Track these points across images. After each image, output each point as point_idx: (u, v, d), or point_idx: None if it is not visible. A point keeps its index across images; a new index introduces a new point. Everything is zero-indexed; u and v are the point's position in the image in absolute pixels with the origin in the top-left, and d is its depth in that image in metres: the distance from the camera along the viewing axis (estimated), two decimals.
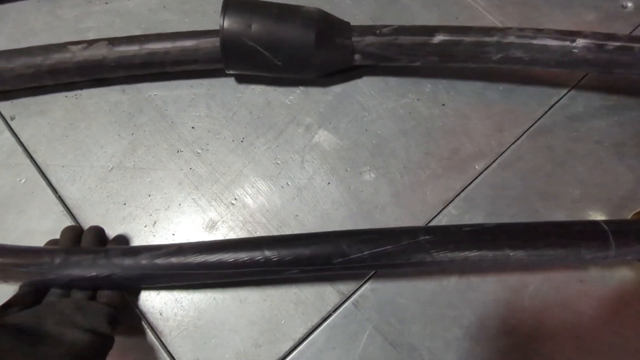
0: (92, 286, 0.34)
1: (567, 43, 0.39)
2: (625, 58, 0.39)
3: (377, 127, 0.44)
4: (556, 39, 0.39)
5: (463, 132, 0.43)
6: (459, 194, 0.41)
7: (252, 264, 0.33)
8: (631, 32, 0.47)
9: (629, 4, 0.49)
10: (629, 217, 0.38)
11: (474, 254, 0.33)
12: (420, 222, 0.40)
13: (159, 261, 0.34)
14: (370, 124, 0.44)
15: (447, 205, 0.41)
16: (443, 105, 0.45)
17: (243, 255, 0.33)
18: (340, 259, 0.33)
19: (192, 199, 0.41)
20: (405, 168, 0.42)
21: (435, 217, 0.41)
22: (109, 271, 0.33)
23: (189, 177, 0.42)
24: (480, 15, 0.48)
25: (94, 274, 0.33)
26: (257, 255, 0.33)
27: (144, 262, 0.34)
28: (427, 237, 0.34)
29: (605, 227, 0.34)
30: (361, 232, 0.35)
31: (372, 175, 0.42)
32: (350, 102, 0.45)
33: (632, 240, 0.34)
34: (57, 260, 0.34)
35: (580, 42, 0.39)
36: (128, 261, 0.34)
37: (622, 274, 0.39)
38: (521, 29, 0.40)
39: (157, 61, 0.43)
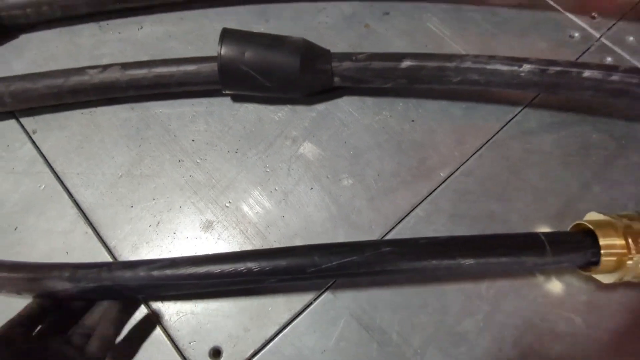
0: (96, 296, 0.39)
1: (515, 67, 0.46)
2: (565, 81, 0.45)
3: (354, 140, 0.50)
4: (506, 64, 0.46)
5: (430, 144, 0.49)
6: (425, 198, 0.47)
7: (235, 275, 0.37)
8: (577, 59, 0.54)
9: (576, 34, 0.56)
10: (569, 228, 0.43)
11: (430, 263, 0.38)
12: (391, 223, 0.46)
13: (155, 273, 0.38)
14: (349, 137, 0.50)
15: (415, 207, 0.47)
16: (412, 121, 0.51)
17: (228, 267, 0.37)
18: (313, 269, 0.37)
19: (192, 202, 0.47)
20: (379, 175, 0.48)
21: (404, 218, 0.46)
22: (111, 283, 0.38)
23: (189, 184, 0.48)
24: (446, 44, 0.55)
25: (98, 284, 0.38)
26: (240, 266, 0.37)
27: (141, 274, 0.38)
28: (388, 248, 0.38)
29: (543, 238, 0.39)
30: (331, 245, 0.39)
31: (350, 181, 0.48)
32: (331, 119, 0.51)
33: (566, 250, 0.39)
34: (66, 274, 0.39)
35: (527, 67, 0.46)
36: (128, 273, 0.39)
37: (569, 280, 0.44)
38: (476, 56, 0.47)
39: (163, 83, 0.49)
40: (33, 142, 0.50)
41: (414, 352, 0.41)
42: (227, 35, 0.47)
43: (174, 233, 0.46)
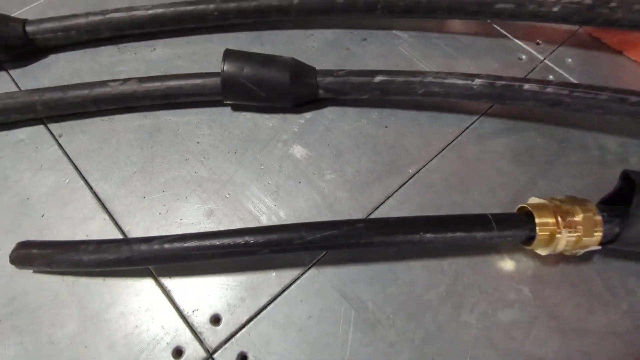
0: (115, 266, 0.46)
1: (469, 81, 0.55)
2: (509, 93, 0.55)
3: (336, 142, 0.58)
4: (461, 78, 0.56)
5: (400, 146, 0.58)
6: (397, 190, 0.55)
7: (234, 246, 0.44)
8: (524, 77, 0.64)
9: (524, 57, 0.66)
10: (516, 210, 0.52)
11: (397, 237, 0.46)
12: (368, 211, 0.54)
13: (167, 245, 0.45)
14: (332, 140, 0.58)
15: (388, 198, 0.55)
16: (386, 127, 0.60)
17: (228, 240, 0.45)
18: (300, 241, 0.45)
19: (196, 194, 0.55)
20: (357, 172, 0.56)
21: (379, 206, 0.54)
22: (130, 253, 0.45)
23: (194, 178, 0.56)
24: (414, 64, 0.65)
25: (117, 256, 0.46)
26: (239, 240, 0.45)
27: (155, 246, 0.46)
28: (362, 225, 0.46)
29: (490, 217, 0.47)
30: (315, 222, 0.47)
31: (332, 176, 0.56)
32: (317, 125, 0.60)
33: (509, 227, 0.47)
34: (90, 248, 0.46)
35: (478, 81, 0.55)
36: (144, 246, 0.46)
37: (518, 257, 0.52)
38: (437, 72, 0.57)
39: (174, 94, 0.58)
40: (59, 144, 0.58)
41: (387, 317, 0.48)
42: (229, 54, 0.56)
43: (181, 219, 0.53)
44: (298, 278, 0.50)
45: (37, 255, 0.47)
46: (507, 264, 0.51)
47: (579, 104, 0.54)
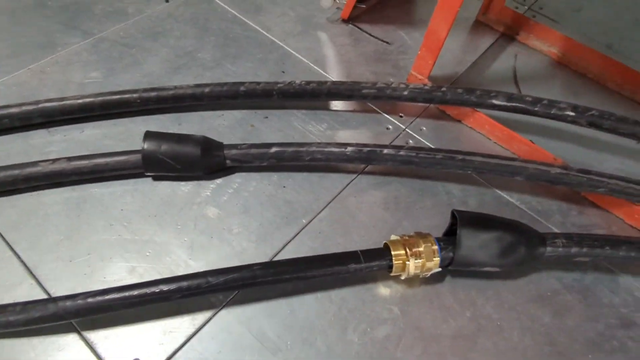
0: (42, 323, 0.53)
1: (343, 149, 0.72)
2: (373, 156, 0.72)
3: (243, 202, 0.71)
4: (337, 147, 0.72)
5: (296, 201, 0.72)
6: (294, 238, 0.68)
7: (151, 294, 0.53)
8: (391, 142, 0.82)
9: (390, 127, 0.85)
10: (382, 246, 0.66)
11: (287, 275, 0.58)
12: (270, 257, 0.65)
13: (90, 299, 0.53)
14: (239, 200, 0.71)
15: (287, 244, 0.67)
16: (284, 187, 0.74)
17: (145, 290, 0.53)
18: (206, 285, 0.55)
19: (119, 254, 0.63)
20: (260, 225, 0.69)
21: (279, 252, 0.66)
22: (56, 309, 0.52)
23: (117, 241, 0.64)
24: (306, 135, 0.81)
25: (44, 313, 0.53)
26: (154, 288, 0.54)
27: (79, 301, 0.53)
28: (258, 267, 0.57)
29: (359, 253, 0.61)
30: (219, 269, 0.56)
31: (240, 230, 0.67)
32: (227, 188, 0.72)
33: (374, 259, 0.61)
34: (18, 309, 0.53)
35: (350, 148, 0.72)
36: (69, 302, 0.53)
37: (389, 284, 0.66)
38: (319, 143, 0.73)
39: (100, 170, 0.68)
40: None
41: (286, 344, 0.58)
42: (148, 135, 0.68)
43: (104, 278, 0.61)
44: (210, 319, 0.59)
45: None
46: (382, 290, 0.65)
47: (424, 162, 0.72)
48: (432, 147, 0.82)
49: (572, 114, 0.75)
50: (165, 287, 0.54)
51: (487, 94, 0.79)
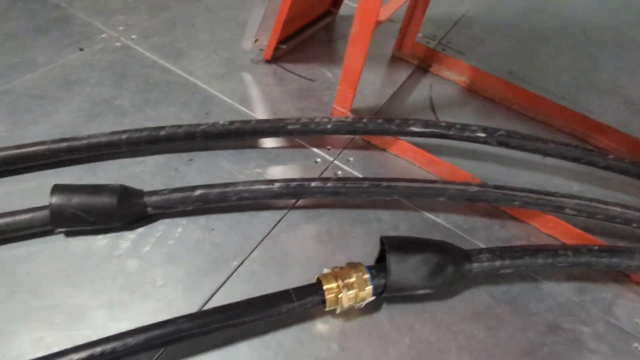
0: None
1: (270, 186, 0.71)
2: (301, 190, 0.72)
3: (167, 251, 0.67)
4: (264, 184, 0.71)
5: (226, 244, 0.69)
6: (224, 283, 0.65)
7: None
8: (320, 174, 0.83)
9: (319, 160, 0.86)
10: (315, 281, 0.65)
11: (214, 326, 0.54)
12: (199, 306, 0.62)
13: None
14: (163, 249, 0.67)
15: (217, 291, 0.64)
16: (212, 230, 0.71)
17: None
18: (122, 348, 0.50)
19: (23, 325, 0.56)
20: (188, 273, 0.65)
21: (209, 300, 0.62)
22: None
23: (21, 310, 0.57)
24: (234, 175, 0.80)
25: None
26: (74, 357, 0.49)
27: None
28: (182, 320, 0.54)
29: (291, 291, 0.59)
30: (140, 327, 0.52)
31: (165, 281, 0.63)
32: (149, 238, 0.68)
33: (306, 296, 0.59)
34: None
35: (277, 184, 0.71)
36: None
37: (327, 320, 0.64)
38: (245, 182, 0.71)
39: (2, 230, 0.61)
40: None
41: None
42: (57, 188, 0.63)
43: (3, 355, 0.53)
44: None
45: None
46: (319, 327, 0.63)
47: (351, 192, 0.73)
48: (359, 176, 0.84)
49: (482, 135, 0.81)
50: (75, 356, 0.48)
51: (406, 122, 0.83)
